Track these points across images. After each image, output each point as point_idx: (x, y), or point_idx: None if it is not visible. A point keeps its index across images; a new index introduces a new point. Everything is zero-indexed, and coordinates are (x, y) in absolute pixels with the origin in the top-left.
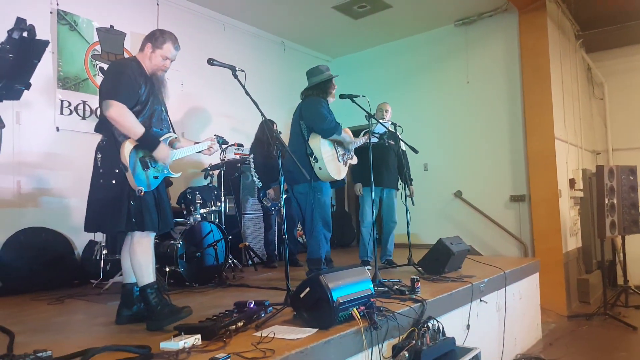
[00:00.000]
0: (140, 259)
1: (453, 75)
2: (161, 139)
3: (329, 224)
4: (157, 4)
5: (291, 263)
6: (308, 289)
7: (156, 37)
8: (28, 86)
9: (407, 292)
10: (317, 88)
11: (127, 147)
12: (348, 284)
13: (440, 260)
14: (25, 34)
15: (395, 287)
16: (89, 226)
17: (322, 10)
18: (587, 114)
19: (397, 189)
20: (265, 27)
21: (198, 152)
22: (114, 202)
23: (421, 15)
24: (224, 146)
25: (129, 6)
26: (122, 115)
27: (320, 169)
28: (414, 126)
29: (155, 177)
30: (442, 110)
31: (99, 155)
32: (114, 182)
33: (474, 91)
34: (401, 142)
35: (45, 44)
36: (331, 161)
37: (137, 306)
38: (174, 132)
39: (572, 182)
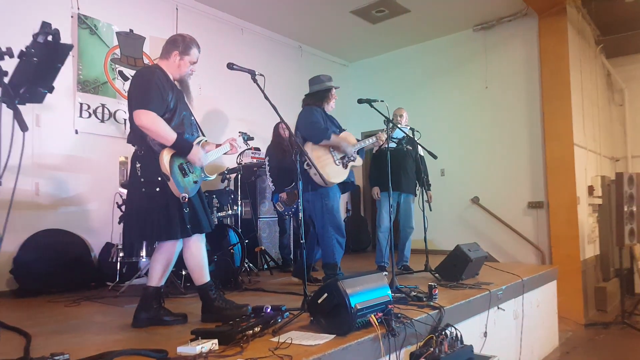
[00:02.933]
0: (200, 260)
1: (471, 80)
2: (194, 142)
3: (341, 229)
4: (177, 9)
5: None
6: (326, 295)
7: (180, 44)
8: (51, 89)
9: (424, 299)
10: (314, 96)
11: (166, 157)
12: (366, 290)
13: (457, 267)
14: (50, 38)
15: (413, 293)
16: (131, 236)
17: (340, 15)
18: (607, 120)
19: (415, 195)
20: (282, 32)
21: (225, 154)
22: (163, 211)
23: (439, 20)
24: (248, 142)
25: (149, 10)
26: (154, 123)
27: (315, 174)
28: (432, 131)
29: (195, 182)
30: (460, 115)
31: (139, 165)
32: (157, 190)
33: (492, 96)
34: (419, 147)
35: (69, 48)
36: (326, 165)
37: (154, 309)
38: (203, 134)
39: (590, 189)
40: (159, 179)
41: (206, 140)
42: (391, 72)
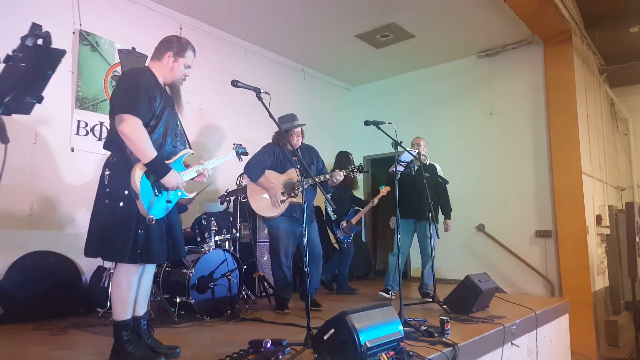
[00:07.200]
0: (122, 292)
1: (476, 107)
2: (176, 157)
3: (277, 256)
4: (180, 28)
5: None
6: (333, 331)
7: (175, 44)
8: (40, 99)
9: (436, 334)
10: (276, 135)
11: (138, 173)
12: (376, 325)
13: (467, 299)
14: (40, 42)
15: (423, 327)
16: (90, 250)
17: (344, 39)
18: (611, 149)
19: (431, 221)
20: (286, 54)
21: (192, 179)
22: (120, 228)
23: (444, 45)
24: (242, 157)
25: (152, 29)
26: (136, 134)
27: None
28: (435, 157)
29: (169, 202)
30: (464, 142)
31: (107, 172)
32: (121, 204)
33: (497, 123)
34: (412, 170)
35: (61, 53)
36: (257, 199)
37: (144, 341)
38: (190, 146)
39: (598, 219)
40: (126, 192)
41: (192, 153)
42: (395, 97)
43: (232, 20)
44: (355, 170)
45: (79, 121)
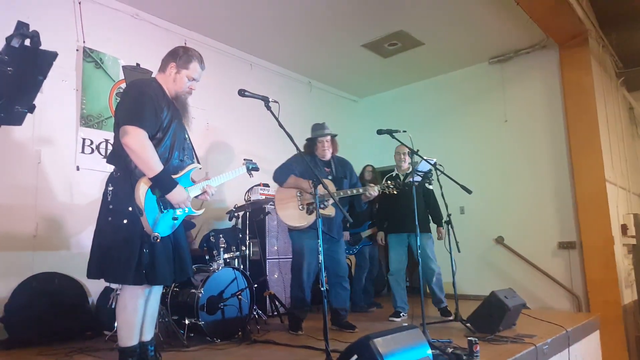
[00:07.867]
0: (127, 316)
1: (490, 114)
2: (183, 171)
3: (299, 272)
4: (185, 42)
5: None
6: (355, 357)
7: (180, 56)
8: (31, 109)
9: (464, 357)
10: (307, 143)
11: (143, 188)
12: (402, 350)
13: (494, 317)
14: (27, 42)
15: (449, 349)
16: (92, 272)
17: (350, 49)
18: (632, 155)
19: (426, 232)
20: (292, 67)
21: (196, 197)
22: (123, 247)
23: (454, 52)
24: (252, 173)
25: (156, 44)
26: (141, 146)
27: (277, 214)
28: (449, 167)
29: (175, 219)
30: (479, 150)
31: (110, 188)
32: (125, 222)
33: (513, 130)
34: (429, 182)
35: (52, 56)
36: (285, 208)
37: None
38: (198, 161)
39: (624, 228)
40: (130, 209)
41: (200, 168)
42: (403, 108)
43: (237, 34)
44: (393, 186)
45: (84, 139)
